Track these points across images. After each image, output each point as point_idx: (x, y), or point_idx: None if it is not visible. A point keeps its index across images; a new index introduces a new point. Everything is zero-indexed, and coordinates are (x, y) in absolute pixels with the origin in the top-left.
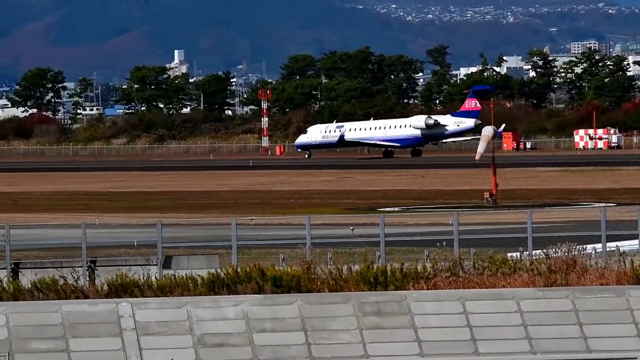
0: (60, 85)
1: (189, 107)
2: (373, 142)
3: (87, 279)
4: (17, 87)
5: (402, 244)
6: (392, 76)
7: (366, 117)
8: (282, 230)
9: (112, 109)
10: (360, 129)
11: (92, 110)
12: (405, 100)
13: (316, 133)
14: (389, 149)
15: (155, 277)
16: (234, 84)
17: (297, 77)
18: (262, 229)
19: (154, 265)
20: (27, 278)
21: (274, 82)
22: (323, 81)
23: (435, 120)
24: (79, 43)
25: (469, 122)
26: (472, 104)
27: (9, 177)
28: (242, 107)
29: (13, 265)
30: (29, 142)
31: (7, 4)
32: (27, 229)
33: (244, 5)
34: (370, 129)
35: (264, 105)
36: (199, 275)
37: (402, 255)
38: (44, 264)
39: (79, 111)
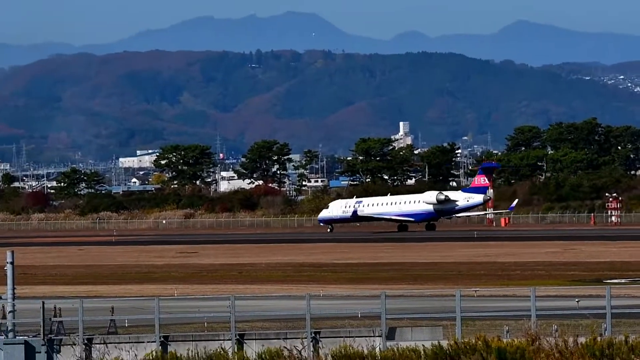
0: (285, 157)
1: (413, 179)
2: (388, 217)
3: (312, 350)
4: (244, 159)
5: (630, 316)
6: (619, 147)
7: (594, 189)
8: (506, 302)
9: (337, 180)
10: (376, 204)
11: (317, 182)
12: (633, 172)
13: (337, 208)
14: (404, 223)
15: (379, 348)
16: (459, 155)
17: (523, 148)
18: (487, 301)
19: (377, 336)
20: (252, 349)
21: (499, 153)
22: (549, 152)
23: (446, 196)
24: (304, 115)
25: (478, 198)
26: (481, 180)
27: (234, 248)
28: (467, 179)
29: (238, 337)
30: (254, 214)
31: (233, 79)
32: (251, 300)
33: (470, 77)
34: (386, 204)
35: None
36: (423, 346)
37: (629, 327)
38: (268, 335)
39: (304, 183)
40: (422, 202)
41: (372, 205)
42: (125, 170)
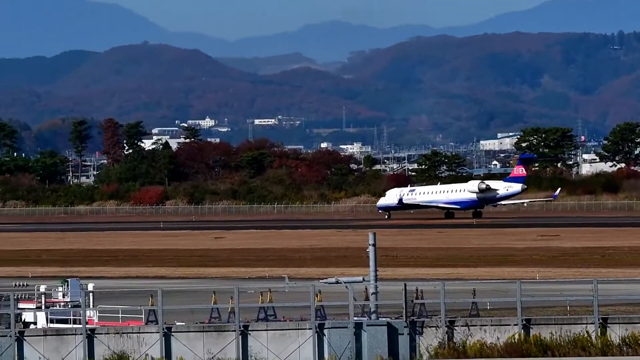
0: None
1: None
2: (436, 204)
3: None
4: (606, 142)
5: None
6: None
7: None
8: None
9: None
10: (427, 193)
11: None
12: None
13: (393, 196)
14: (450, 210)
15: None
16: None
17: None
18: None
19: None
20: (615, 333)
21: None
22: None
23: (487, 185)
24: None
25: (517, 187)
26: (519, 170)
27: (597, 232)
28: None
29: (601, 320)
30: (616, 197)
31: (594, 61)
32: (615, 283)
33: None
34: (435, 192)
35: None
36: None
37: None
38: (632, 320)
39: None
40: (467, 191)
41: (423, 193)
42: (485, 153)
